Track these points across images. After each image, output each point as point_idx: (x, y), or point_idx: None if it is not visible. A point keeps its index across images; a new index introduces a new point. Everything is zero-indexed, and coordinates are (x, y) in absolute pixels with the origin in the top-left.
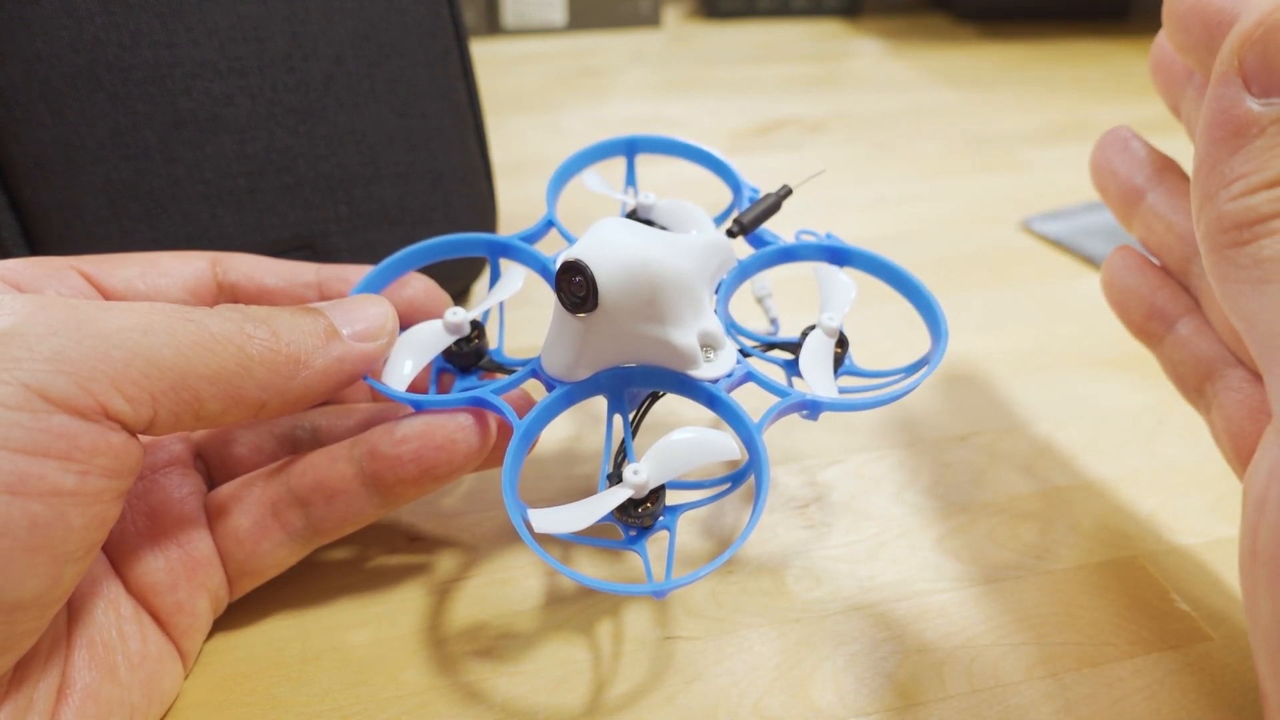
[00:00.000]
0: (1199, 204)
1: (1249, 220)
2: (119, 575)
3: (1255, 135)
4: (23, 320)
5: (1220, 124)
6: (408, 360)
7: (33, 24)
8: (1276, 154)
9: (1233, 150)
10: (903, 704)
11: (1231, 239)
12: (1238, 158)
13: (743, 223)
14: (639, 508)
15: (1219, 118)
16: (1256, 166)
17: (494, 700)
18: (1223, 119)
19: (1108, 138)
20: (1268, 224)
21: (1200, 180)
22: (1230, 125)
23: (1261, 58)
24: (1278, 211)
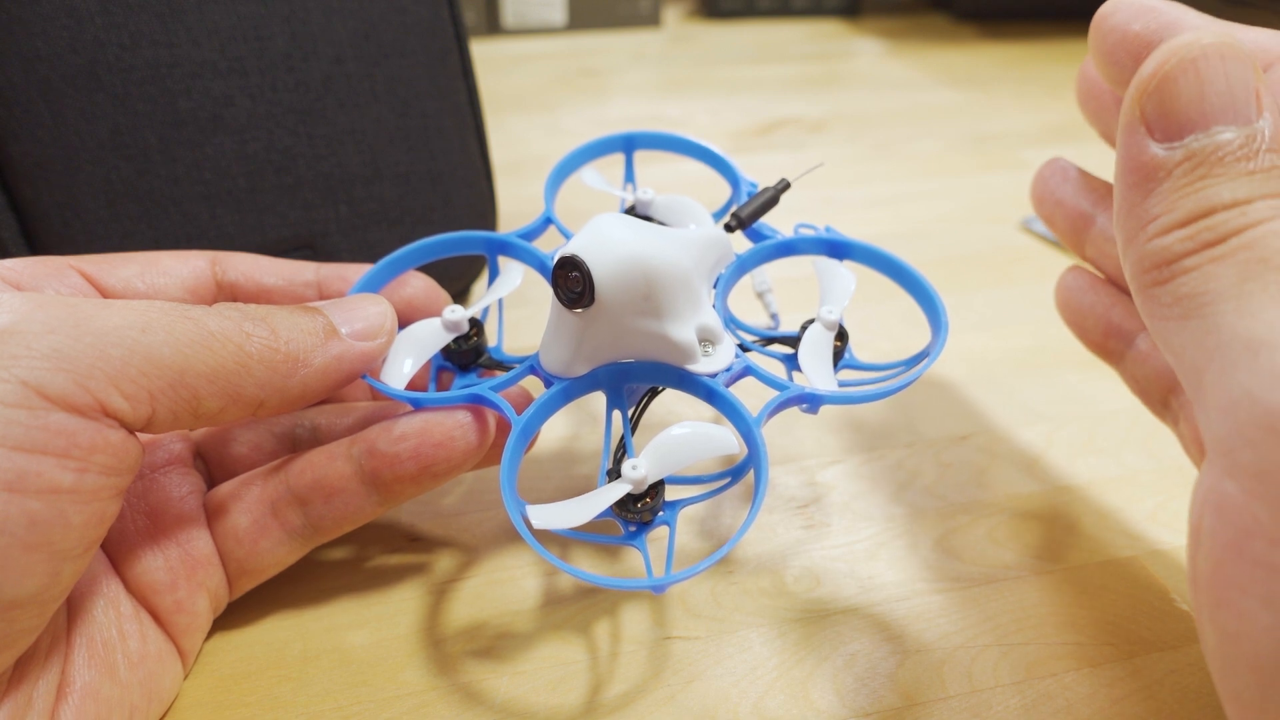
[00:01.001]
0: (1122, 246)
1: (1165, 260)
2: (118, 574)
3: (1163, 179)
4: (21, 318)
5: (1131, 170)
6: (406, 359)
7: (33, 24)
8: (1183, 195)
9: (1145, 194)
10: (903, 704)
11: (1152, 278)
12: (1150, 201)
13: (740, 217)
14: (638, 503)
15: (1129, 164)
16: (1166, 208)
17: (494, 700)
18: (1132, 165)
19: (1046, 169)
20: (1181, 263)
21: (1120, 224)
22: (1140, 171)
23: (1159, 106)
24: (1189, 250)
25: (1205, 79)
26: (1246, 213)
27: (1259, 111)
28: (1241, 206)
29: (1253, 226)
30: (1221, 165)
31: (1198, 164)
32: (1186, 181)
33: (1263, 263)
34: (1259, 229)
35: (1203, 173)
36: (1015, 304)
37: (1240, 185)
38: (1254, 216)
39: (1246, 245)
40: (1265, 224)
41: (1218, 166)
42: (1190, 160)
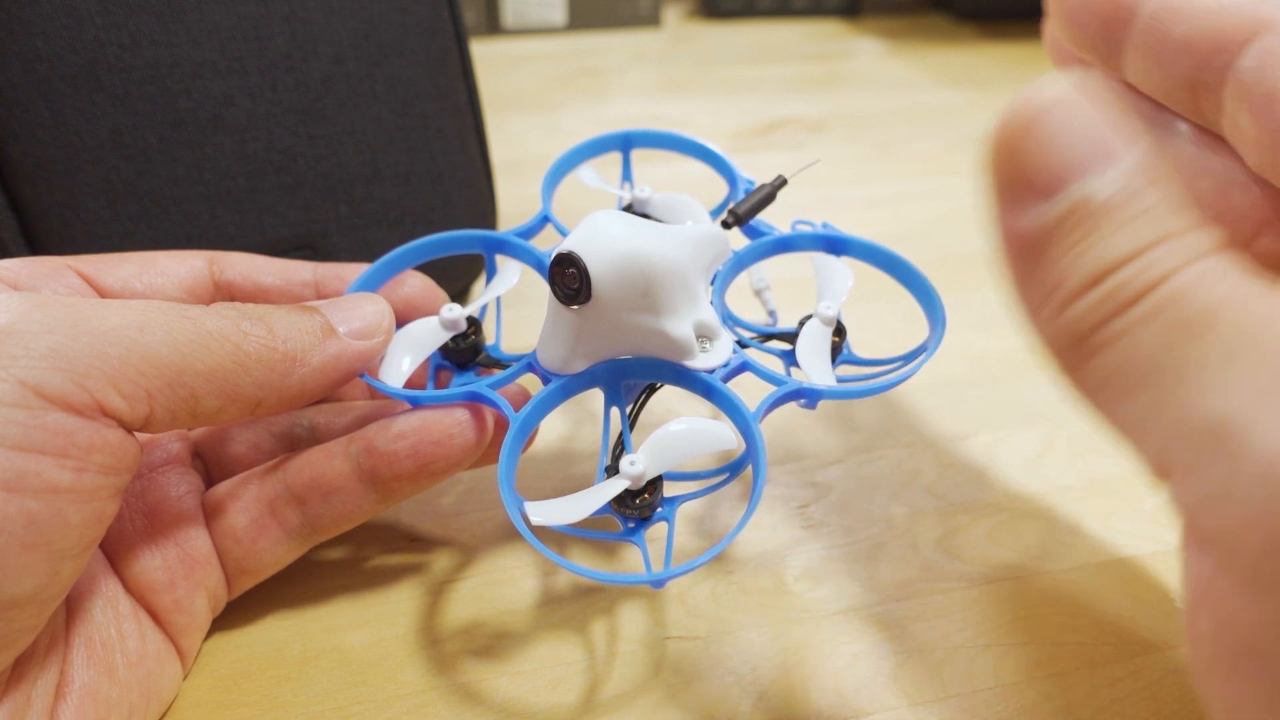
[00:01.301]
0: (1031, 330)
1: (1083, 332)
2: (117, 574)
3: (1047, 245)
4: (19, 318)
5: (1011, 244)
6: (405, 357)
7: (33, 24)
8: (1076, 258)
9: (1034, 265)
10: (903, 704)
11: (1076, 356)
12: (1042, 272)
13: (738, 214)
14: (636, 499)
15: (1007, 239)
16: (1062, 275)
17: (493, 700)
18: (1011, 239)
19: None
20: (1102, 331)
21: (1020, 304)
22: (1020, 243)
23: (1017, 171)
24: (1107, 315)
25: (1057, 130)
26: (1152, 263)
27: (1126, 145)
28: (1143, 256)
29: (1168, 278)
30: (1103, 216)
31: (1078, 221)
32: (1074, 241)
33: (1200, 321)
34: (1175, 280)
35: (1087, 229)
36: None
37: (1131, 233)
38: (1163, 266)
39: (1170, 301)
40: (1180, 273)
41: (1101, 219)
42: (1070, 218)
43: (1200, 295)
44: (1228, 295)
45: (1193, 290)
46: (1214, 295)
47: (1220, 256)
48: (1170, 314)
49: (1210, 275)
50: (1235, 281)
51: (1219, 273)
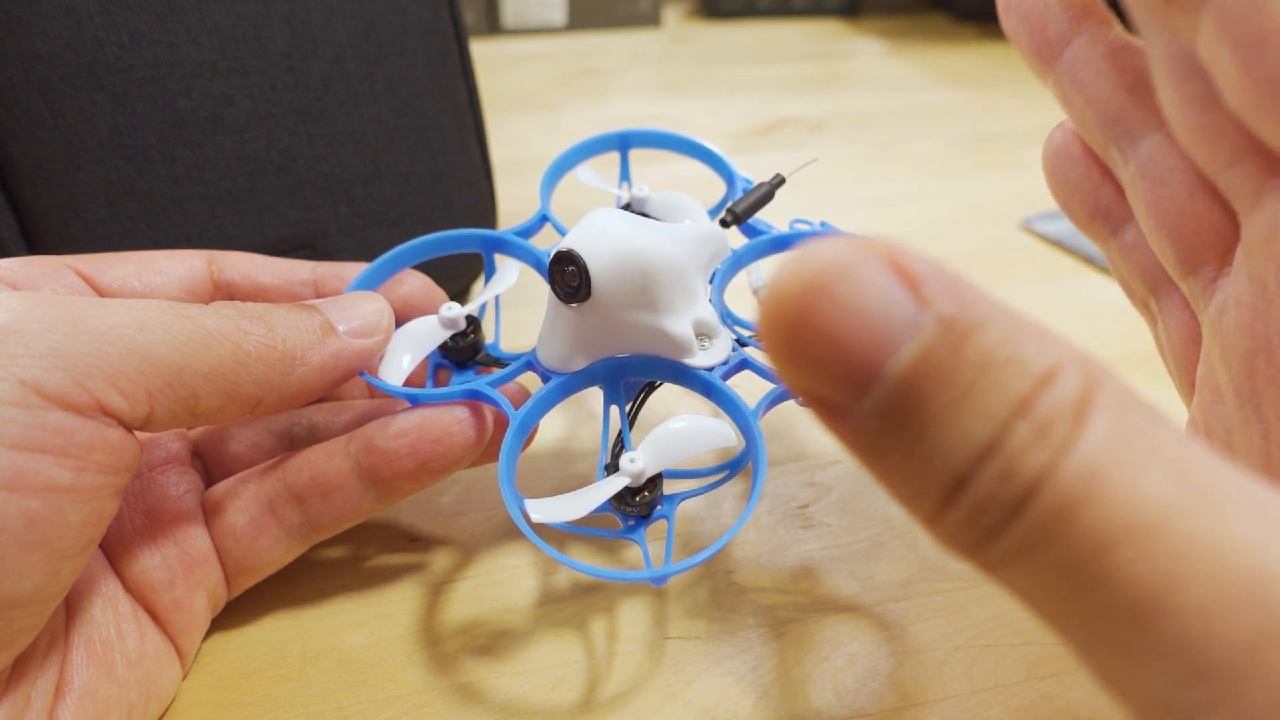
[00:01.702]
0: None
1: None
2: (116, 573)
3: (882, 451)
4: (19, 317)
5: (853, 447)
6: (404, 355)
7: (32, 24)
8: (918, 463)
9: (883, 466)
10: (903, 704)
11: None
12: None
13: (736, 212)
14: (636, 496)
15: (847, 442)
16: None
17: (493, 700)
18: (845, 444)
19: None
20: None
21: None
22: (854, 449)
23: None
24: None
25: (838, 312)
26: (1013, 458)
27: (920, 299)
28: (1000, 446)
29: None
30: (928, 396)
31: (904, 411)
32: (910, 440)
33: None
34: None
35: (918, 420)
36: (1015, 304)
37: (970, 414)
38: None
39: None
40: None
41: (925, 401)
42: (894, 412)
43: (1092, 518)
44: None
45: (1079, 506)
46: (1106, 520)
47: (1102, 414)
48: (1062, 550)
49: (1096, 468)
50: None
51: (1107, 457)
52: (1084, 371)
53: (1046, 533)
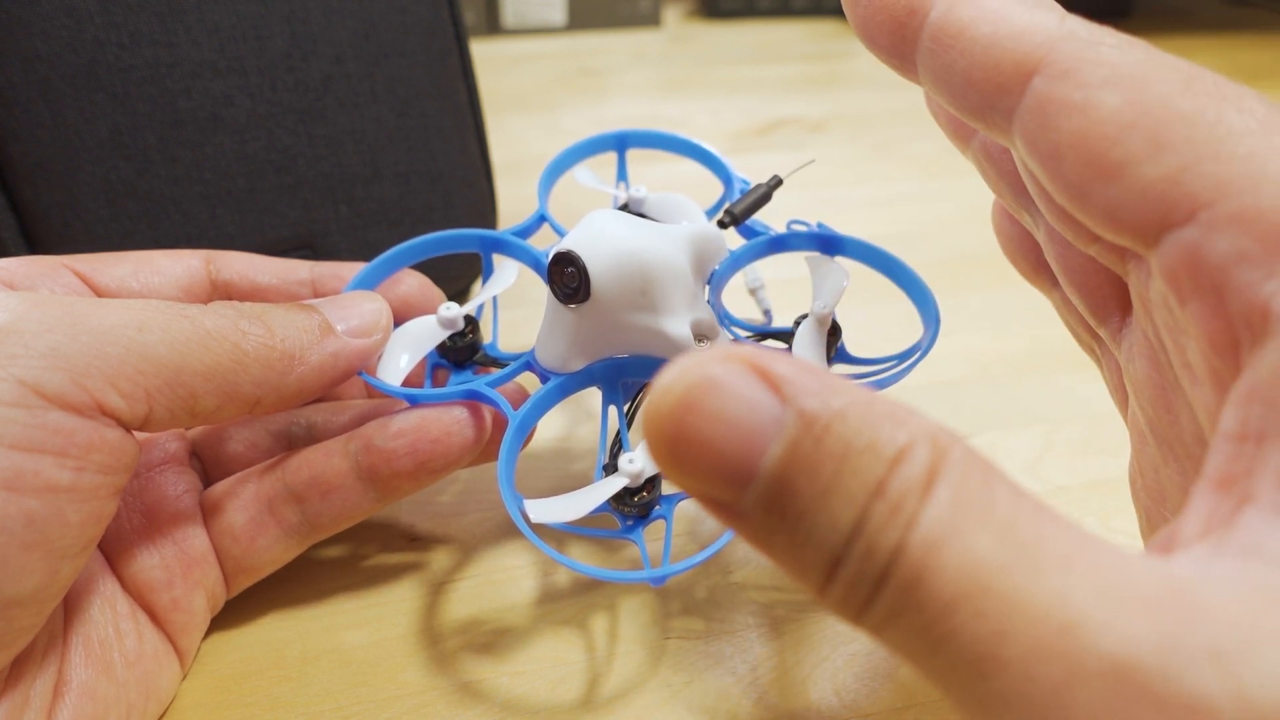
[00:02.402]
0: None
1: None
2: (115, 573)
3: (768, 539)
4: (18, 317)
5: (745, 536)
6: (402, 355)
7: (32, 24)
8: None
9: (772, 550)
10: (903, 704)
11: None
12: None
13: (734, 213)
14: (635, 496)
15: (740, 533)
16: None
17: (494, 699)
18: (740, 530)
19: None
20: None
21: None
22: (747, 534)
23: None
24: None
25: (708, 421)
26: (875, 535)
27: (783, 398)
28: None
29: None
30: (799, 486)
31: (782, 502)
32: (791, 524)
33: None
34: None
35: (798, 509)
36: (1014, 304)
37: (838, 498)
38: (887, 538)
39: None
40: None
41: (797, 491)
42: (774, 503)
43: (935, 584)
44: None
45: (926, 573)
46: (946, 584)
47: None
48: (916, 615)
49: (937, 536)
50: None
51: (946, 526)
52: (932, 445)
53: (904, 601)
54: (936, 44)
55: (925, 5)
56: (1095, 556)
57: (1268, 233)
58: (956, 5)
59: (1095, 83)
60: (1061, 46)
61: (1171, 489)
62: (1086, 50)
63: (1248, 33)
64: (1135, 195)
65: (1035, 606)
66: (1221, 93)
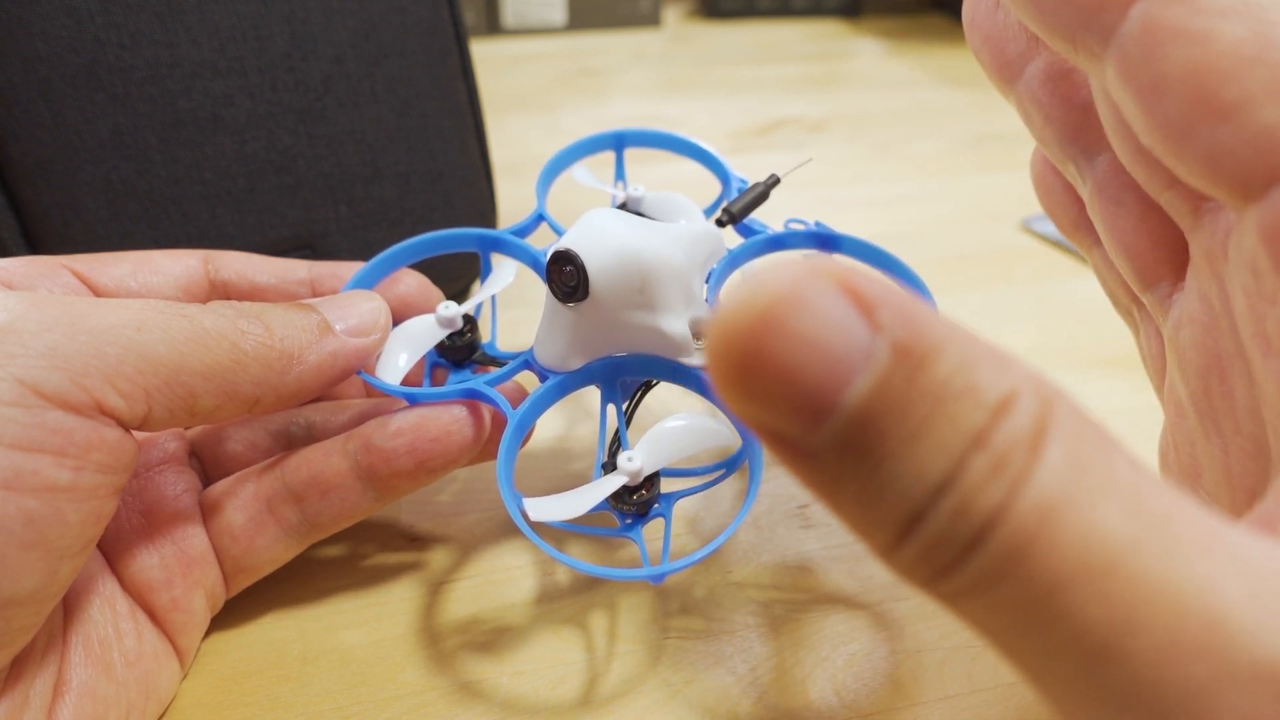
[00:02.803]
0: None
1: (921, 584)
2: (114, 572)
3: (838, 482)
4: (17, 316)
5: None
6: (401, 354)
7: (33, 24)
8: (874, 493)
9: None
10: (903, 704)
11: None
12: (849, 514)
13: (732, 212)
14: (634, 495)
15: (803, 476)
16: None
17: (494, 699)
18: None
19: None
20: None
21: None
22: (811, 485)
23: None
24: (935, 572)
25: (793, 338)
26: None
27: (874, 325)
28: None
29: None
30: (884, 427)
31: (863, 443)
32: (867, 471)
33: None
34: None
35: (876, 451)
36: (1015, 304)
37: (926, 447)
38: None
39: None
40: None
41: (881, 432)
42: (852, 443)
43: (1047, 557)
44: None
45: (1034, 544)
46: (1062, 558)
47: (1057, 445)
48: (1017, 588)
49: (1052, 503)
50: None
51: (1061, 493)
52: (1039, 397)
53: (1002, 570)
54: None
55: None
56: (1236, 543)
57: None
58: None
59: (1216, 9)
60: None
61: (1210, 465)
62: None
63: None
64: (1246, 141)
65: (1175, 595)
66: None
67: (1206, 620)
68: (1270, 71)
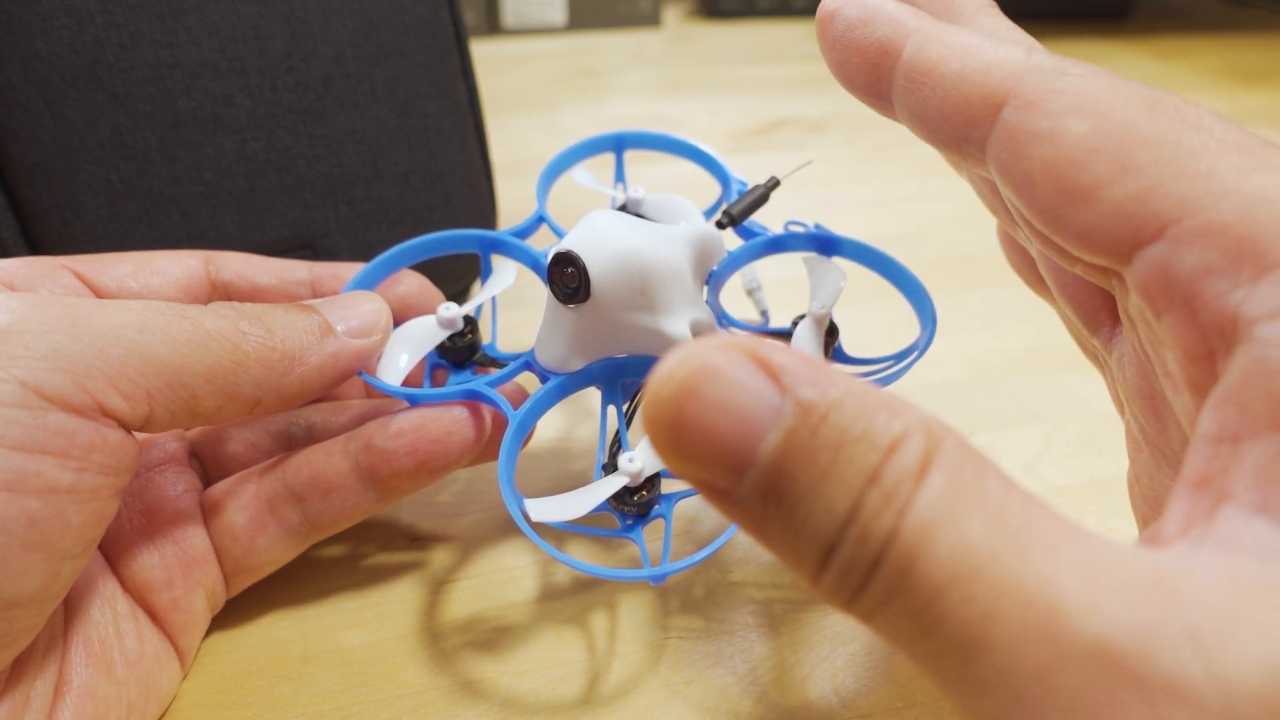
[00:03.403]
0: None
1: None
2: (115, 573)
3: (763, 526)
4: (19, 318)
5: (740, 524)
6: (402, 355)
7: (33, 24)
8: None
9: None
10: (903, 704)
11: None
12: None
13: (732, 214)
14: (635, 495)
15: (736, 520)
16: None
17: (494, 699)
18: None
19: None
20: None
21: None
22: (743, 521)
23: (694, 474)
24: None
25: (709, 408)
26: (869, 522)
27: (781, 388)
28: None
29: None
30: (795, 474)
31: (778, 491)
32: (787, 511)
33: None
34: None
35: (789, 497)
36: (1013, 304)
37: (833, 485)
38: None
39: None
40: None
41: (793, 479)
42: (770, 491)
43: (926, 570)
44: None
45: (917, 560)
46: (938, 570)
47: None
48: (907, 600)
49: (929, 523)
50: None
51: (938, 513)
52: (926, 435)
53: (896, 585)
54: (910, 82)
55: (897, 45)
56: (1081, 543)
57: (1231, 245)
58: (927, 44)
59: (1061, 111)
60: (1028, 78)
61: (1166, 494)
62: (1052, 80)
63: (1248, 33)
64: (1105, 216)
65: (1023, 590)
66: (1181, 115)
67: (1047, 609)
68: (1111, 156)
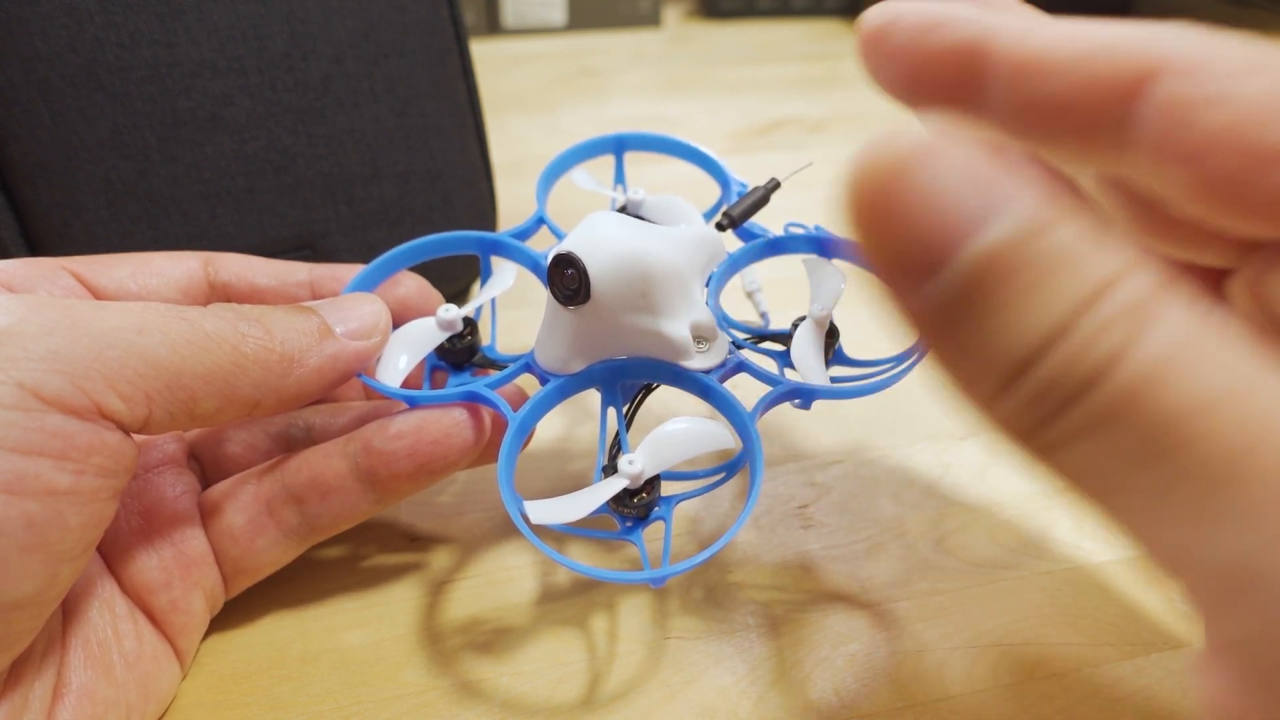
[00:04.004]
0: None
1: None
2: (113, 574)
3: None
4: (18, 320)
5: (914, 327)
6: (401, 356)
7: (32, 24)
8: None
9: (944, 349)
10: (902, 704)
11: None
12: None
13: (732, 216)
14: (634, 498)
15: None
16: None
17: (494, 699)
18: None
19: None
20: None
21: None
22: (921, 327)
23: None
24: (1042, 417)
25: (926, 185)
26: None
27: (1015, 185)
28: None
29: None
30: (1008, 277)
31: (981, 291)
32: (982, 317)
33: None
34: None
35: (995, 298)
36: None
37: (1049, 296)
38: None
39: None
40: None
41: (1005, 282)
42: (970, 289)
43: (1165, 396)
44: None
45: (1151, 386)
46: (1181, 396)
47: (1172, 311)
48: (1131, 426)
49: (1168, 354)
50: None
51: (1178, 345)
52: (1154, 274)
53: (1113, 413)
54: (1017, 75)
55: (986, 42)
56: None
57: None
58: (1028, 33)
59: (1228, 73)
60: (1178, 45)
61: None
62: (1205, 47)
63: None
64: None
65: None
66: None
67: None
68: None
